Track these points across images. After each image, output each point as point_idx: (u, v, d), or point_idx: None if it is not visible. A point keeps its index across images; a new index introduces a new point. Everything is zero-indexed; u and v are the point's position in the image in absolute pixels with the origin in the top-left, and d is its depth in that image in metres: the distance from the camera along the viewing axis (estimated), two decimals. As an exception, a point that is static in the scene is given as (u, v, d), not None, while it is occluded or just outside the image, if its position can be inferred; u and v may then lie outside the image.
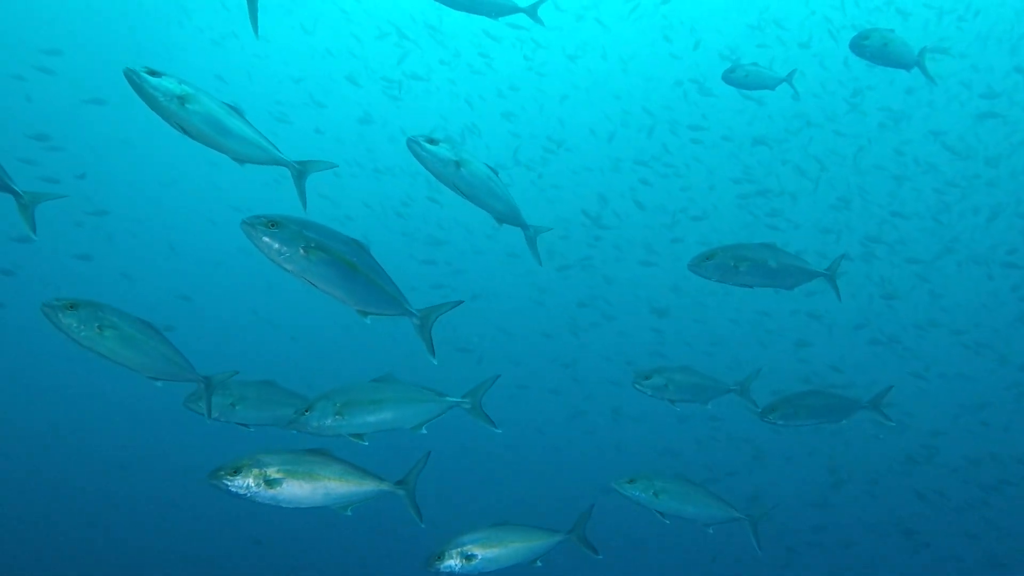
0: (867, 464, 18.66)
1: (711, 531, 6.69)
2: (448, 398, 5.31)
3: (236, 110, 4.61)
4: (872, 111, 19.61)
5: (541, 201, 21.45)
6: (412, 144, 4.87)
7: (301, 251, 4.10)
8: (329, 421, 4.91)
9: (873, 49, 8.33)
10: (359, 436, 5.06)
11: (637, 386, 6.80)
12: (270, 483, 4.52)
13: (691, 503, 6.45)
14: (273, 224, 4.07)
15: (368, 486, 4.86)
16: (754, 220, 19.07)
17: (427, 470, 5.21)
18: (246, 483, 4.50)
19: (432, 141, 4.93)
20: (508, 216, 5.40)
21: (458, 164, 4.99)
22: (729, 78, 9.87)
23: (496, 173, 5.27)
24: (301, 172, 4.92)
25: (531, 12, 7.80)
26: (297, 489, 4.64)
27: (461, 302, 4.69)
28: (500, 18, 7.50)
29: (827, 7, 19.02)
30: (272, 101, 21.09)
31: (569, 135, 21.42)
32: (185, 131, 4.42)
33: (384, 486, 5.00)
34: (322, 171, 4.97)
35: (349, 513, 4.97)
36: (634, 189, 19.74)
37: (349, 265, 4.27)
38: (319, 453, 4.80)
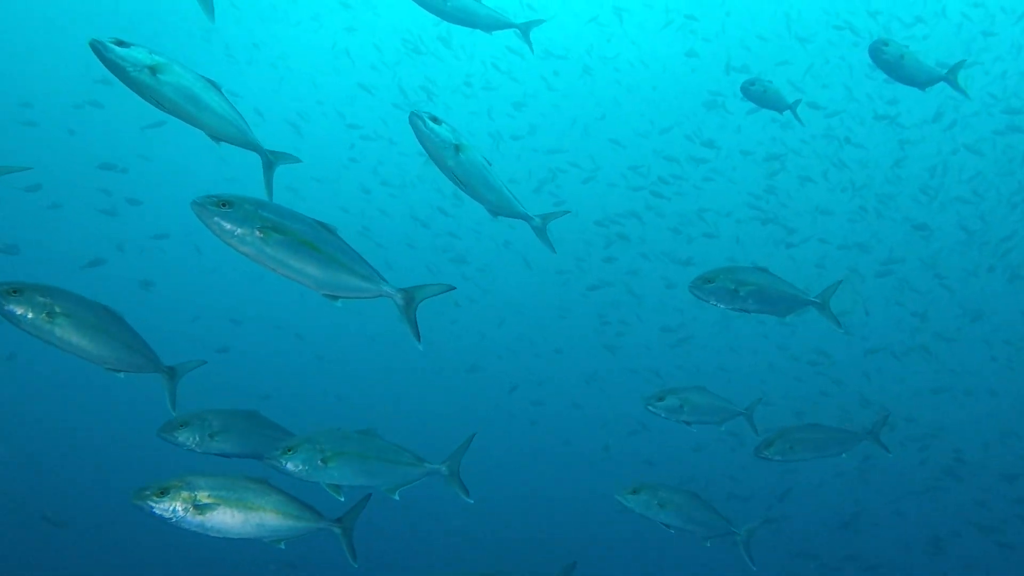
0: (896, 483, 18.30)
1: (708, 544, 6.63)
2: (427, 464, 5.13)
3: (213, 84, 4.43)
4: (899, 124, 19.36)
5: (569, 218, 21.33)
6: (415, 119, 4.66)
7: (256, 232, 3.81)
8: (310, 467, 4.67)
9: (891, 60, 8.26)
10: (336, 488, 4.83)
11: (650, 408, 6.67)
12: (199, 508, 4.21)
13: (692, 516, 6.41)
14: (225, 203, 3.78)
15: (305, 522, 4.58)
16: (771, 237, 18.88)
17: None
18: (172, 507, 4.18)
19: (436, 120, 4.72)
20: (504, 209, 5.20)
21: (458, 148, 4.81)
22: (748, 91, 9.55)
23: (490, 164, 5.06)
24: (271, 162, 4.79)
25: (524, 30, 7.77)
26: (228, 518, 4.34)
27: (452, 288, 4.33)
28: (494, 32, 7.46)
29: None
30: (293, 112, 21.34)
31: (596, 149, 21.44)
32: (160, 104, 4.25)
33: (322, 523, 4.71)
34: (290, 163, 4.82)
35: (282, 546, 4.69)
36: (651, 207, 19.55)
37: (309, 246, 3.95)
38: (256, 481, 4.52)
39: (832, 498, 18.53)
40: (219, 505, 4.29)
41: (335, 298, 4.12)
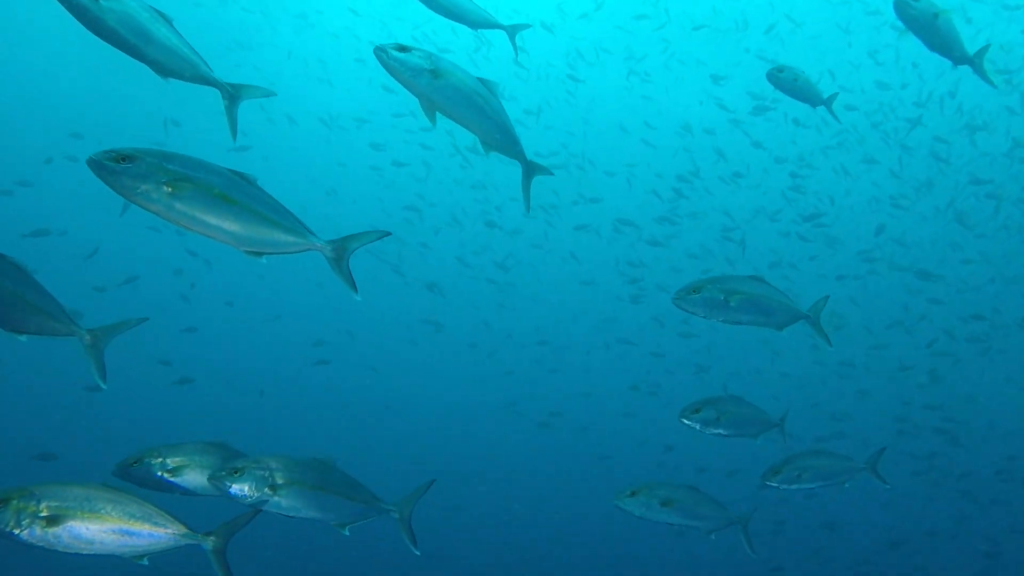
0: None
1: (713, 537, 6.53)
2: (380, 505, 4.88)
3: (163, 17, 4.13)
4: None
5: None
6: (379, 53, 4.28)
7: (164, 187, 3.46)
8: (258, 494, 4.41)
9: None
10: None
11: (685, 420, 6.31)
12: (46, 521, 3.78)
13: (694, 511, 6.31)
14: (125, 158, 3.43)
15: (168, 533, 4.05)
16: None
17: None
18: (9, 519, 3.74)
19: (403, 49, 4.33)
20: (500, 142, 4.76)
21: (435, 74, 4.36)
22: (777, 79, 8.71)
23: (492, 90, 4.63)
24: (233, 96, 4.42)
25: (511, 32, 7.60)
26: (81, 531, 3.89)
27: (387, 233, 4.02)
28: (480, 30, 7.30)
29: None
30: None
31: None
32: (102, 35, 3.96)
33: (191, 538, 4.16)
34: (257, 98, 4.51)
35: (145, 563, 4.21)
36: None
37: (223, 198, 3.61)
38: (112, 490, 4.06)
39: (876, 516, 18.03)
40: (68, 518, 3.87)
41: (259, 255, 3.83)
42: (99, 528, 3.92)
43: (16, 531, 3.74)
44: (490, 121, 4.62)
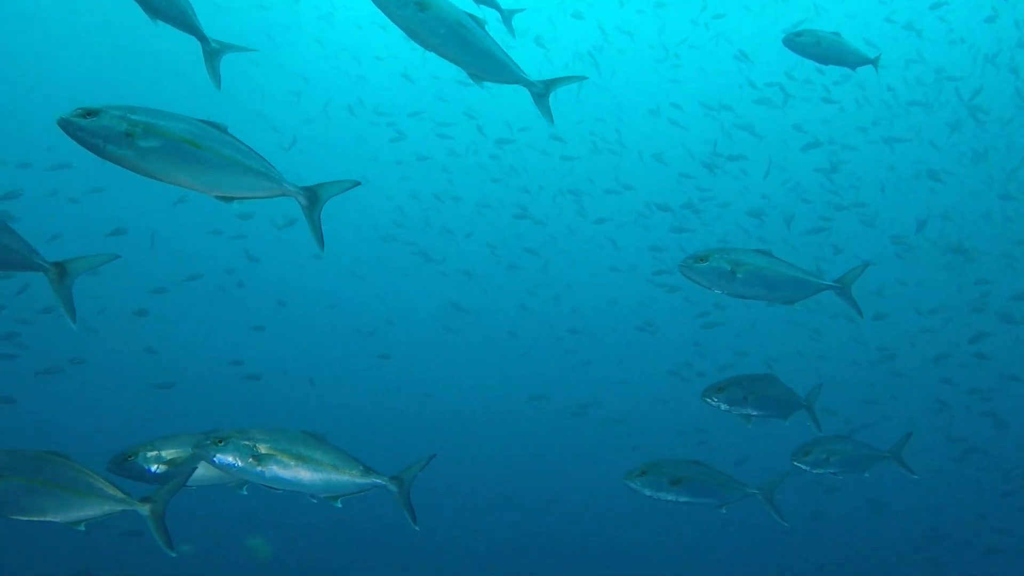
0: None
1: (724, 511, 6.28)
2: (375, 477, 4.61)
3: None
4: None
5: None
6: None
7: (129, 136, 3.43)
8: (240, 463, 4.26)
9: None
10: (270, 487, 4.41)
11: (708, 400, 6.03)
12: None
13: (705, 487, 6.05)
14: (90, 113, 3.42)
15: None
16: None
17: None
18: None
19: None
20: (492, 71, 4.62)
21: (420, 6, 4.28)
22: (794, 43, 7.89)
23: (482, 25, 4.52)
24: (215, 50, 4.50)
25: (506, 17, 7.40)
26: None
27: (357, 183, 3.90)
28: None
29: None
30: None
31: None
32: None
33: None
34: (237, 52, 4.48)
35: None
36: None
37: (190, 144, 3.54)
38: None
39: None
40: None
41: (229, 199, 3.75)
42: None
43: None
44: (475, 51, 4.49)
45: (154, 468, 4.64)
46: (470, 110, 19.19)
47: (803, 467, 6.52)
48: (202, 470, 4.62)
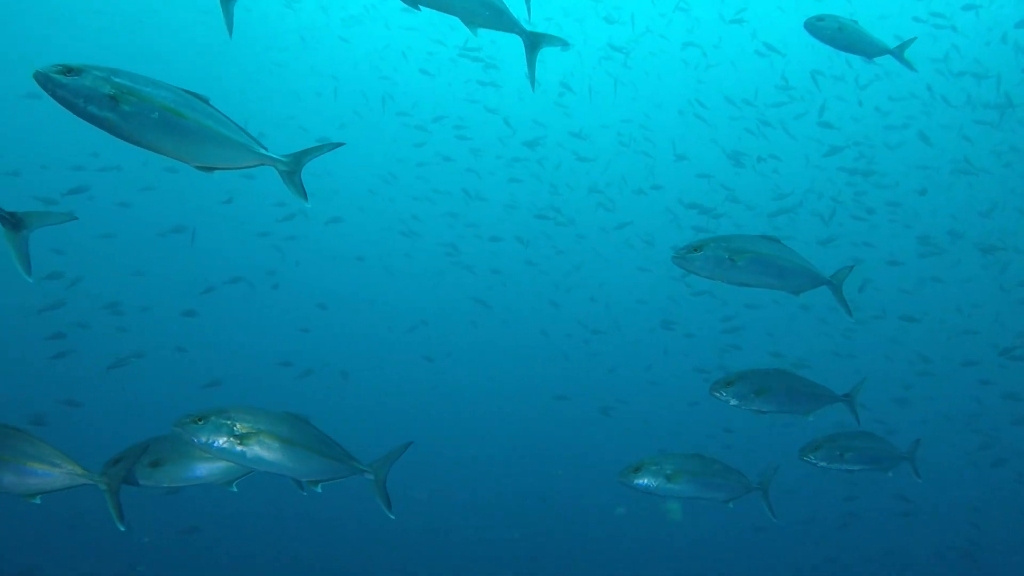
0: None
1: (731, 506, 5.98)
2: (355, 464, 4.59)
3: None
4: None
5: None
6: None
7: (110, 99, 3.38)
8: (220, 442, 4.21)
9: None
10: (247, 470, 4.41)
11: (716, 394, 5.72)
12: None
13: (706, 481, 5.79)
14: (71, 70, 3.35)
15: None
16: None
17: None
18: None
19: None
20: (486, 18, 4.48)
21: None
22: (815, 28, 7.55)
23: None
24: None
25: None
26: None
27: (341, 144, 3.96)
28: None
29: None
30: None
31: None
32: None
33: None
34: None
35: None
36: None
37: (173, 112, 3.50)
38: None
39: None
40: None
41: (210, 170, 3.73)
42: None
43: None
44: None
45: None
46: (497, 109, 19.32)
47: (812, 462, 6.29)
48: (193, 468, 4.64)
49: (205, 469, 4.63)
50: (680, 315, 20.05)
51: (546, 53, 5.10)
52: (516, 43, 4.79)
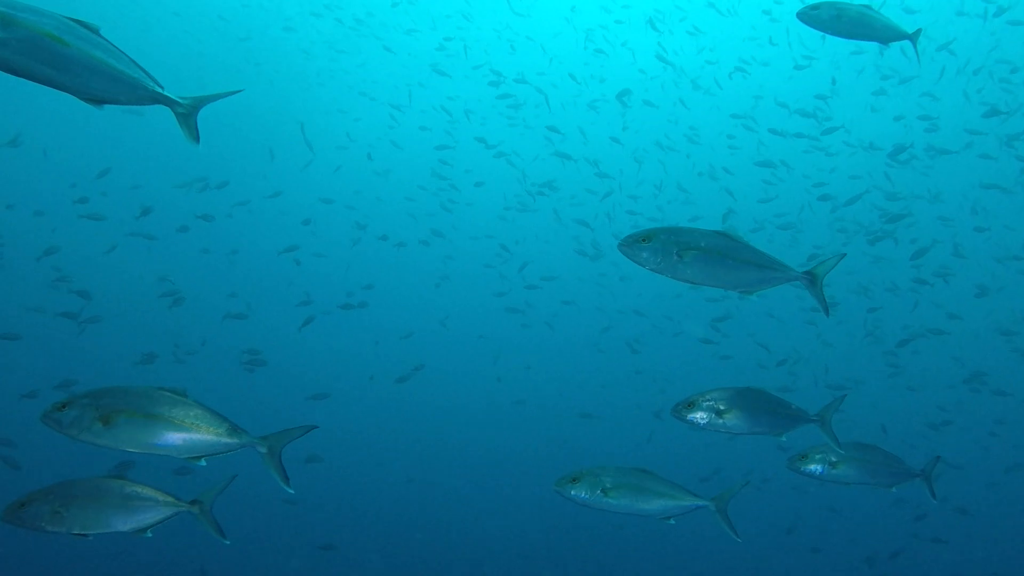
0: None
1: (672, 522, 5.65)
2: (245, 435, 4.34)
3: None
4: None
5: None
6: None
7: None
8: (87, 426, 4.00)
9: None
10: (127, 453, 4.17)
11: (677, 416, 5.40)
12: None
13: (647, 496, 5.47)
14: None
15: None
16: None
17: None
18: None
19: None
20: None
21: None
22: (810, 18, 6.89)
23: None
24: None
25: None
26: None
27: (240, 90, 3.87)
28: None
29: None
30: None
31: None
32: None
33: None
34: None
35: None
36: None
37: (55, 40, 3.27)
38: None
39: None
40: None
41: (99, 103, 3.52)
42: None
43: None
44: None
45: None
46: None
47: (800, 472, 5.97)
48: (106, 514, 4.50)
49: (117, 513, 4.50)
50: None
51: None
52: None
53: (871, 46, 8.92)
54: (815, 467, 5.99)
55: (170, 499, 4.55)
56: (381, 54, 23.57)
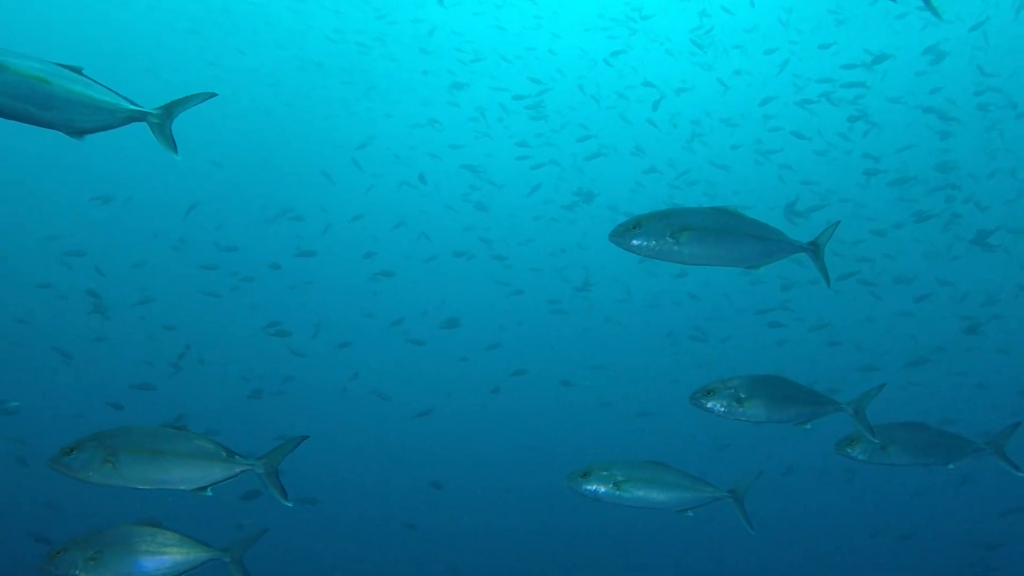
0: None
1: (690, 514, 5.57)
2: (240, 459, 4.52)
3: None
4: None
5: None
6: None
7: None
8: (96, 467, 4.21)
9: None
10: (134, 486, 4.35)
11: (695, 403, 5.28)
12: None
13: (660, 489, 5.40)
14: None
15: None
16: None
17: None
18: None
19: None
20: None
21: None
22: None
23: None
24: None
25: None
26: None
27: (213, 95, 3.91)
28: None
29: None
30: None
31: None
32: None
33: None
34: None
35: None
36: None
37: (39, 80, 3.52)
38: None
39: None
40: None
41: (82, 134, 3.75)
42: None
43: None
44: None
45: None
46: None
47: (848, 457, 5.72)
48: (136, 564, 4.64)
49: (150, 561, 4.64)
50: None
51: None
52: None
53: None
54: (863, 451, 5.71)
55: (202, 546, 4.65)
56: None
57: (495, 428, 21.49)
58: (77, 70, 3.69)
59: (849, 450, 5.72)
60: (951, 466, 5.95)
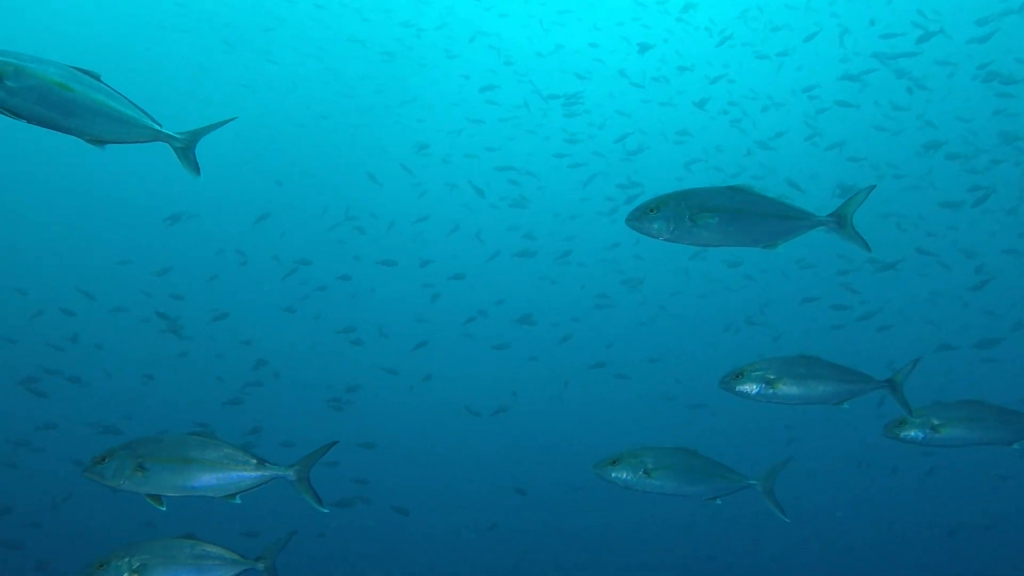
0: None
1: (719, 502, 5.49)
2: (270, 467, 4.59)
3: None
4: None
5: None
6: None
7: None
8: (127, 475, 4.31)
9: None
10: (157, 498, 4.42)
11: (725, 387, 5.22)
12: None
13: (689, 477, 5.33)
14: None
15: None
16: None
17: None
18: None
19: None
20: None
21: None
22: None
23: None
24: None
25: None
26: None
27: (234, 118, 4.05)
28: None
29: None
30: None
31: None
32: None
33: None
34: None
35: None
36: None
37: (59, 85, 3.57)
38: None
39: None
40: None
41: (101, 143, 3.80)
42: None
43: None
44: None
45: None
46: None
47: (900, 439, 5.44)
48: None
49: (189, 572, 4.75)
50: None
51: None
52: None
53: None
54: (916, 433, 5.42)
55: (237, 557, 4.78)
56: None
57: (565, 426, 21.45)
58: (95, 76, 3.75)
59: (899, 431, 5.43)
60: (1016, 446, 5.69)
